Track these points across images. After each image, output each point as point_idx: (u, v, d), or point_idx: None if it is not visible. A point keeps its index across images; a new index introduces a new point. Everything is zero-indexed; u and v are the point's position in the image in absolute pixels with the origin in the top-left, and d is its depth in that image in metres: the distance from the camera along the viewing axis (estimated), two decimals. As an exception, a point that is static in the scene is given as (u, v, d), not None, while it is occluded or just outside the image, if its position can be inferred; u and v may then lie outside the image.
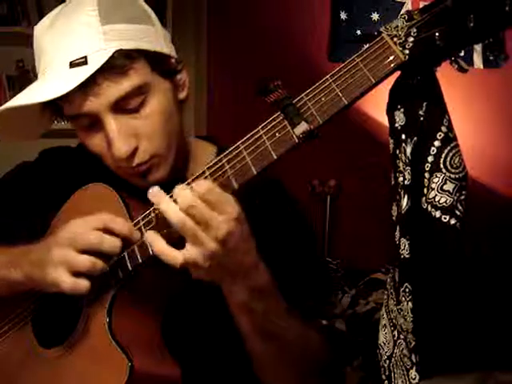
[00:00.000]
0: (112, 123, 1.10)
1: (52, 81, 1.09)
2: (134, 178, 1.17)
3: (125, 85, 1.08)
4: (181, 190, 0.93)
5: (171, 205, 0.93)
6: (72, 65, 1.07)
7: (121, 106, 1.10)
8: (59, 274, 1.02)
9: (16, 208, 1.31)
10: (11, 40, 3.33)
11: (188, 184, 0.99)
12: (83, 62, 1.07)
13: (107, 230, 1.03)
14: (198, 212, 0.92)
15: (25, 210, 1.29)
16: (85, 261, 1.01)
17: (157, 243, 0.95)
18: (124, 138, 1.10)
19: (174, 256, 0.94)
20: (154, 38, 1.15)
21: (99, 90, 1.07)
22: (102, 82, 1.07)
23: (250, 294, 1.02)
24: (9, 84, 3.33)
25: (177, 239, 0.96)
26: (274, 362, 1.12)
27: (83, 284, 1.02)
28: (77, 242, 1.02)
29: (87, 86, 1.07)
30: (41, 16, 1.14)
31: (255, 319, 1.05)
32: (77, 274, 1.02)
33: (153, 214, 1.03)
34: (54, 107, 1.16)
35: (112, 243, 1.02)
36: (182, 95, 1.20)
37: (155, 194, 0.95)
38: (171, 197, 0.95)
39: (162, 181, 1.16)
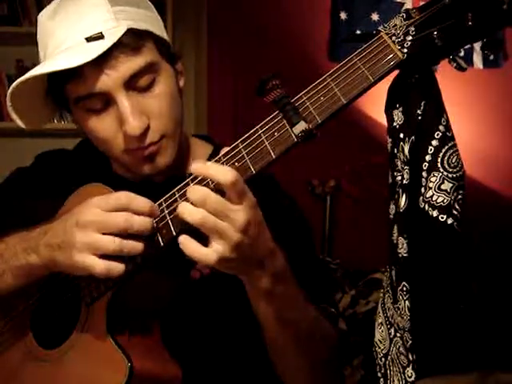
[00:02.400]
0: (125, 101, 1.11)
1: (69, 54, 1.09)
2: (142, 164, 1.17)
3: (138, 60, 1.11)
4: (192, 188, 0.93)
5: (187, 206, 0.93)
6: (89, 39, 1.09)
7: (133, 84, 1.12)
8: (89, 259, 0.98)
9: (13, 212, 1.31)
10: (11, 40, 3.33)
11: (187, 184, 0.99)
12: (100, 36, 1.09)
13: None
14: (214, 205, 0.92)
15: (22, 214, 1.29)
16: (112, 244, 0.97)
17: (188, 246, 0.94)
18: (137, 115, 1.11)
19: (207, 255, 0.94)
20: (157, 24, 1.19)
21: (116, 64, 1.09)
22: (118, 56, 1.09)
23: (271, 279, 1.02)
24: (9, 83, 3.32)
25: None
26: (290, 349, 1.12)
27: (118, 267, 0.98)
28: (103, 226, 0.98)
29: (103, 61, 1.08)
30: (41, 16, 1.16)
31: (275, 304, 1.06)
32: (105, 256, 0.98)
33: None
34: (58, 95, 1.17)
35: (142, 223, 0.98)
36: (181, 83, 1.23)
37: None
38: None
39: (168, 166, 1.18)
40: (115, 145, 1.16)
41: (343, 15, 3.51)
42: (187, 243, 0.94)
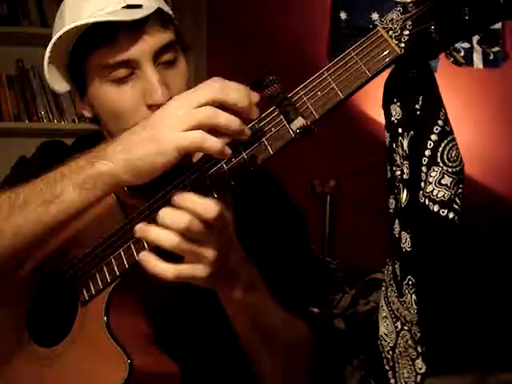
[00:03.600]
0: (153, 71, 1.14)
1: (110, 16, 1.11)
2: None
3: (167, 35, 1.16)
4: (167, 213, 0.92)
5: (161, 232, 0.92)
6: (128, 6, 1.13)
7: (159, 58, 1.15)
8: (191, 134, 0.91)
9: None
10: (11, 40, 3.32)
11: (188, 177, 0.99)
12: (139, 6, 1.14)
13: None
14: (192, 229, 0.91)
15: None
16: (206, 110, 0.91)
17: (149, 264, 0.93)
18: (163, 86, 1.14)
19: (166, 274, 0.93)
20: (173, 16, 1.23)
21: (150, 32, 1.13)
22: (153, 26, 1.14)
23: (242, 291, 1.03)
24: (9, 84, 3.32)
25: None
26: (263, 352, 1.13)
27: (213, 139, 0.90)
28: (185, 120, 0.91)
29: (139, 28, 1.13)
30: (41, 16, 1.16)
31: (247, 312, 1.07)
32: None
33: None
34: (78, 66, 1.18)
35: (229, 117, 0.91)
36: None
37: (139, 228, 0.94)
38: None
39: None
40: (134, 118, 1.15)
41: (343, 15, 3.51)
42: (146, 260, 0.94)
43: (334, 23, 3.51)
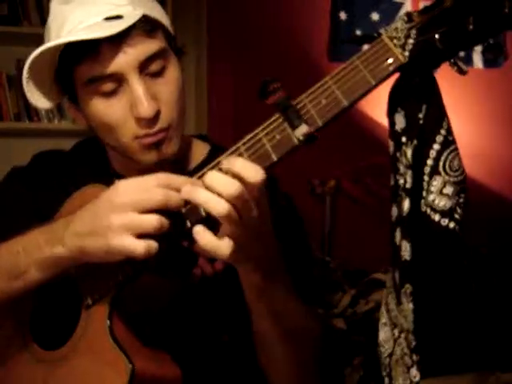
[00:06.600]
0: (139, 83, 1.12)
1: (88, 31, 1.11)
2: (148, 152, 1.17)
3: (153, 45, 1.14)
4: (216, 177, 0.91)
5: (212, 197, 0.90)
6: (108, 19, 1.11)
7: (146, 68, 1.14)
8: (128, 241, 0.94)
9: (9, 212, 1.30)
10: (11, 40, 3.32)
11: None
12: (119, 16, 1.12)
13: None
14: (243, 200, 0.90)
15: (19, 214, 1.28)
16: (152, 220, 0.94)
17: (203, 237, 0.92)
18: (149, 99, 1.13)
19: (221, 248, 0.92)
20: (166, 17, 1.21)
21: (133, 44, 1.12)
22: (135, 37, 1.12)
23: (265, 276, 1.03)
24: (9, 84, 3.32)
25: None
26: (278, 343, 1.13)
27: (154, 245, 0.94)
28: (140, 203, 0.94)
29: (121, 41, 1.11)
30: (41, 16, 1.16)
31: (268, 299, 1.07)
32: (142, 236, 0.95)
33: None
34: (66, 79, 1.17)
35: (178, 198, 0.94)
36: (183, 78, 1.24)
37: (187, 189, 0.93)
38: None
39: (174, 155, 1.18)
40: (124, 131, 1.15)
41: (343, 15, 3.51)
42: (200, 234, 0.92)
43: (333, 23, 3.52)
